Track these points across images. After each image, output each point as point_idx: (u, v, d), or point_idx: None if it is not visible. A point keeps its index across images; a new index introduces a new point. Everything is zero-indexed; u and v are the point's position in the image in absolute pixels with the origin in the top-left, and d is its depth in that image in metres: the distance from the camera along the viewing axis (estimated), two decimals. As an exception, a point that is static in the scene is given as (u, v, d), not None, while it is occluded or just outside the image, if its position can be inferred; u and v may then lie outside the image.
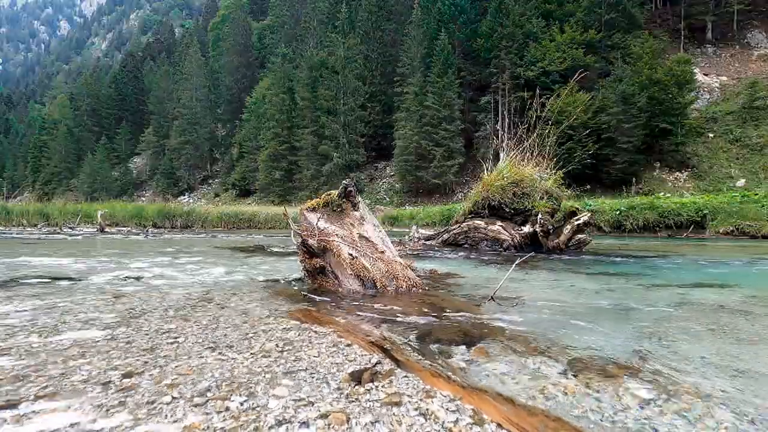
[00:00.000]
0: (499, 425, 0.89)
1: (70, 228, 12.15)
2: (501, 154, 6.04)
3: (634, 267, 4.09)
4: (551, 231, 5.44)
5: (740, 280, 3.26)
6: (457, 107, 32.19)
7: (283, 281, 2.93)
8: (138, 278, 2.99)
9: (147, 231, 12.15)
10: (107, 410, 0.92)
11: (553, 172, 6.08)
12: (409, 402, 0.99)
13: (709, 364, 1.28)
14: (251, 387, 1.05)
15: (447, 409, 0.96)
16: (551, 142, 6.09)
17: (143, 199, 48.19)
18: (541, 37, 30.78)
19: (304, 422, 0.88)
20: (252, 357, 1.27)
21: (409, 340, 1.49)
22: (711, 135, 27.43)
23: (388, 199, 33.82)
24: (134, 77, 64.37)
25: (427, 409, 0.95)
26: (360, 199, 2.91)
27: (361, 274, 2.44)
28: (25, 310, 1.88)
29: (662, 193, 21.33)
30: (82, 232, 10.62)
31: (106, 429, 0.85)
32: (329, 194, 2.87)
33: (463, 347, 1.41)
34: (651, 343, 1.49)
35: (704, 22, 34.24)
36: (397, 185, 35.24)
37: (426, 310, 1.98)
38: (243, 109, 48.92)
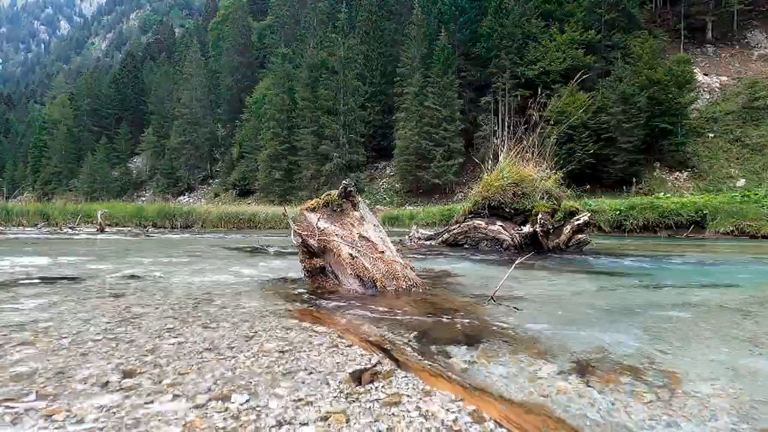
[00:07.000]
0: (499, 424, 0.89)
1: (70, 228, 12.14)
2: (500, 155, 6.04)
3: (635, 267, 4.09)
4: (551, 231, 5.44)
5: (741, 280, 3.26)
6: (457, 107, 32.21)
7: (283, 281, 2.93)
8: (138, 278, 2.99)
9: (147, 231, 12.16)
10: (108, 410, 0.92)
11: (553, 172, 6.08)
12: (409, 402, 0.99)
13: (711, 365, 1.28)
14: (251, 387, 1.05)
15: (447, 408, 0.96)
16: (551, 142, 6.09)
17: (143, 199, 48.19)
18: (541, 38, 30.81)
19: (304, 422, 0.88)
20: (252, 357, 1.28)
21: (409, 340, 1.49)
22: (711, 135, 27.44)
23: (388, 199, 33.81)
24: (134, 77, 64.41)
25: (427, 409, 0.95)
26: (360, 199, 2.91)
27: (361, 274, 2.44)
28: (24, 310, 1.88)
29: (662, 193, 21.30)
30: (81, 232, 10.62)
31: (106, 428, 0.85)
32: (329, 194, 2.87)
33: (463, 347, 1.41)
34: (652, 343, 1.49)
35: (704, 22, 34.26)
36: (397, 185, 35.25)
37: (426, 310, 1.98)
38: (243, 109, 48.94)
